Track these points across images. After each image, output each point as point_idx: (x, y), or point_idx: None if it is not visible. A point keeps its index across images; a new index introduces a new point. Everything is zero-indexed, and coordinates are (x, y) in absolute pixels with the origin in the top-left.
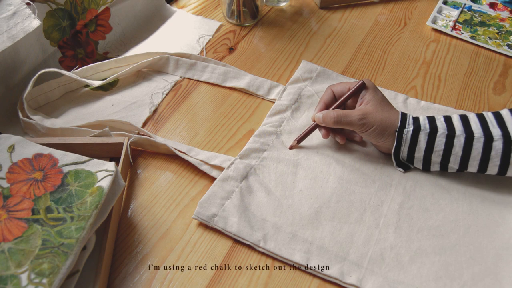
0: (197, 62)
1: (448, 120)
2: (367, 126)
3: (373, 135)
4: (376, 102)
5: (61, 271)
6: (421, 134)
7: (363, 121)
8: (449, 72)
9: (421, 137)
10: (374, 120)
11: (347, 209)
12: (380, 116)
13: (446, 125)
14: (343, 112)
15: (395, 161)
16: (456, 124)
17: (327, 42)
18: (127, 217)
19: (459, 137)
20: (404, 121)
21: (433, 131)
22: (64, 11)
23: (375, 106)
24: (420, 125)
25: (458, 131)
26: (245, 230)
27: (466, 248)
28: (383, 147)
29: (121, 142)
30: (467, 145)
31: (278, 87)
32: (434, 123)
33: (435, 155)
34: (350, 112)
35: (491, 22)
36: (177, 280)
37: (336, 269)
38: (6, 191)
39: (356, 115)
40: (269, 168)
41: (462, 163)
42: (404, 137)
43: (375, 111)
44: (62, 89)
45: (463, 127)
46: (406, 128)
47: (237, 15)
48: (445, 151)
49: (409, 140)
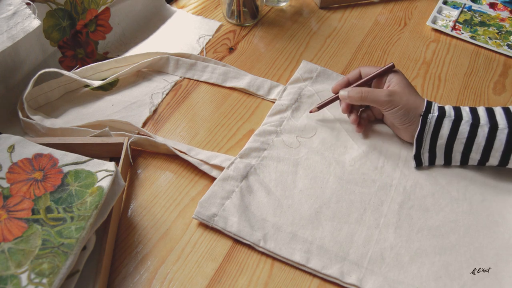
0: (197, 62)
1: (473, 110)
2: (393, 104)
3: (398, 115)
4: (403, 85)
5: (61, 271)
6: (445, 120)
7: (390, 97)
8: (449, 72)
9: (445, 123)
10: (401, 99)
11: (347, 209)
12: (407, 98)
13: (471, 114)
14: (370, 89)
15: (415, 150)
16: (481, 114)
17: (327, 42)
18: (127, 217)
19: (483, 127)
20: (430, 107)
21: (458, 118)
22: (64, 11)
23: (403, 88)
24: (445, 111)
25: (482, 120)
26: (245, 230)
27: (466, 248)
28: (406, 132)
29: (121, 142)
30: (491, 136)
31: (278, 87)
32: (460, 111)
33: (457, 143)
34: (377, 90)
35: (491, 22)
36: (177, 280)
37: (336, 269)
38: (6, 191)
39: (383, 92)
40: (269, 167)
41: (484, 154)
42: (428, 121)
43: (402, 92)
44: (62, 89)
45: (488, 117)
46: (431, 113)
47: (237, 15)
48: (468, 140)
49: (433, 125)
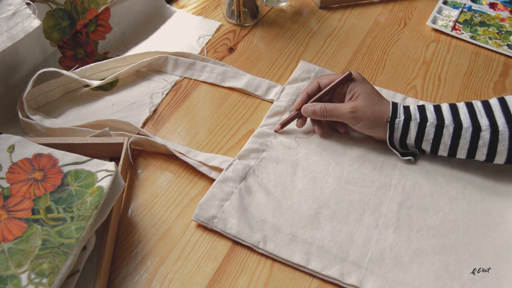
0: (196, 62)
1: (437, 110)
2: (358, 119)
3: (364, 128)
4: (365, 95)
5: (61, 271)
6: (411, 123)
7: (354, 114)
8: (449, 72)
9: (412, 127)
10: (364, 114)
11: (346, 210)
12: (371, 110)
13: (436, 115)
14: (333, 105)
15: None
16: (445, 114)
17: (327, 42)
18: (127, 217)
19: (448, 127)
20: (395, 111)
21: (423, 120)
22: (64, 11)
23: (365, 99)
24: (411, 114)
25: (447, 121)
26: (244, 232)
27: (465, 248)
28: (376, 137)
29: (121, 142)
30: (456, 135)
31: (277, 87)
32: (424, 112)
33: (425, 143)
34: (339, 106)
35: (491, 22)
36: (177, 280)
37: (336, 269)
38: (6, 191)
39: (346, 108)
40: (268, 168)
41: (451, 151)
42: (396, 127)
43: (366, 105)
44: (62, 89)
45: (452, 117)
46: (398, 118)
47: (237, 15)
48: (435, 140)
49: (401, 129)
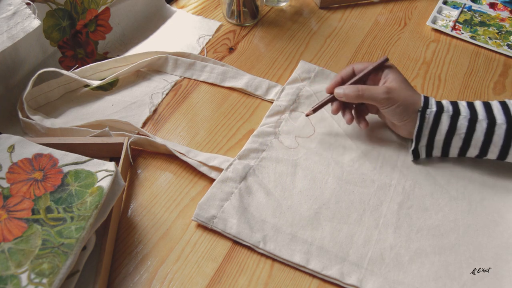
0: (196, 62)
1: (470, 105)
2: (391, 101)
3: (396, 112)
4: (400, 81)
5: (61, 271)
6: (443, 115)
7: (388, 95)
8: (449, 72)
9: (444, 119)
10: (399, 96)
11: (346, 210)
12: (405, 94)
13: (469, 110)
14: (367, 86)
15: (414, 145)
16: (478, 109)
17: (327, 42)
18: (127, 217)
19: (482, 122)
20: (427, 102)
21: (456, 113)
22: (64, 11)
23: (400, 84)
24: (443, 106)
25: (480, 116)
26: (244, 232)
27: (465, 248)
28: (404, 128)
29: (121, 142)
30: (489, 131)
31: (277, 87)
32: (457, 106)
33: (456, 138)
34: (373, 87)
35: (491, 22)
36: (177, 280)
37: (336, 269)
38: (6, 191)
39: (380, 89)
40: (268, 168)
41: (483, 149)
42: (427, 117)
43: (400, 89)
44: (62, 89)
45: (486, 112)
46: (429, 109)
47: (237, 15)
48: (467, 135)
49: (432, 121)
